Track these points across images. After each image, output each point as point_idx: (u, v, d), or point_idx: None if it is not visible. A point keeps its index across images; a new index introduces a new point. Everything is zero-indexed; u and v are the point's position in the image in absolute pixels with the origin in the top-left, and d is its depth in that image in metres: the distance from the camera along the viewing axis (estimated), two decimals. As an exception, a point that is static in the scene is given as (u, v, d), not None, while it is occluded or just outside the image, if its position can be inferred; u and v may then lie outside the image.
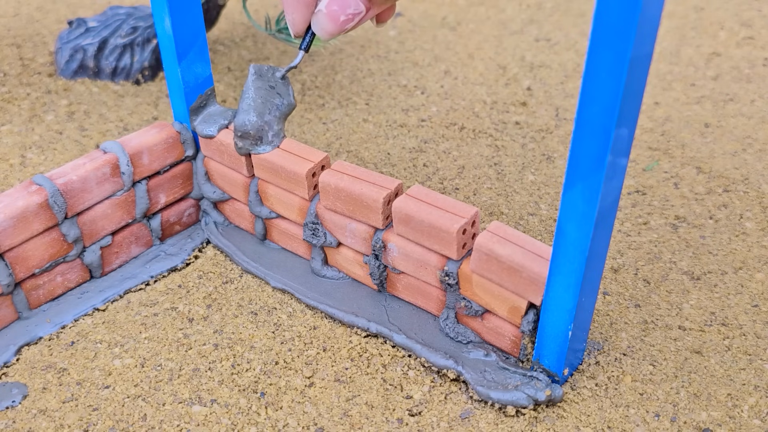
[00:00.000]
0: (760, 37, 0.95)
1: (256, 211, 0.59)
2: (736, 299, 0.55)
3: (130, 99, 0.81)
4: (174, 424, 0.47)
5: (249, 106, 0.53)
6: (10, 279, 0.51)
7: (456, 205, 0.48)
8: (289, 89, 0.54)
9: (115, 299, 0.56)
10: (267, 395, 0.49)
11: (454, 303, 0.51)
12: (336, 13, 0.45)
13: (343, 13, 0.45)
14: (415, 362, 0.51)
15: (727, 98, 0.81)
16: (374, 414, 0.47)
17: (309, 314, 0.55)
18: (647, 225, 0.63)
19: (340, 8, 0.45)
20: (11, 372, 0.50)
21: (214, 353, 0.52)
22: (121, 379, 0.50)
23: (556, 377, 0.47)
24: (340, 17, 0.45)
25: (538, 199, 0.66)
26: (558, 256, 0.42)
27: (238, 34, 0.95)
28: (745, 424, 0.46)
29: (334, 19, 0.45)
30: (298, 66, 0.87)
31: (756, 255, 0.59)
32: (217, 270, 0.59)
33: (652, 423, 0.46)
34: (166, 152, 0.58)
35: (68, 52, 0.83)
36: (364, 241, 0.53)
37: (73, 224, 0.54)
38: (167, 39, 0.55)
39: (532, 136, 0.75)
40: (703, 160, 0.71)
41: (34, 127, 0.75)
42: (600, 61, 0.34)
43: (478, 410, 0.47)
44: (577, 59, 0.90)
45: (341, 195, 0.52)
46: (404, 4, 1.04)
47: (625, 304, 0.55)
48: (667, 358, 0.51)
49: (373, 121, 0.78)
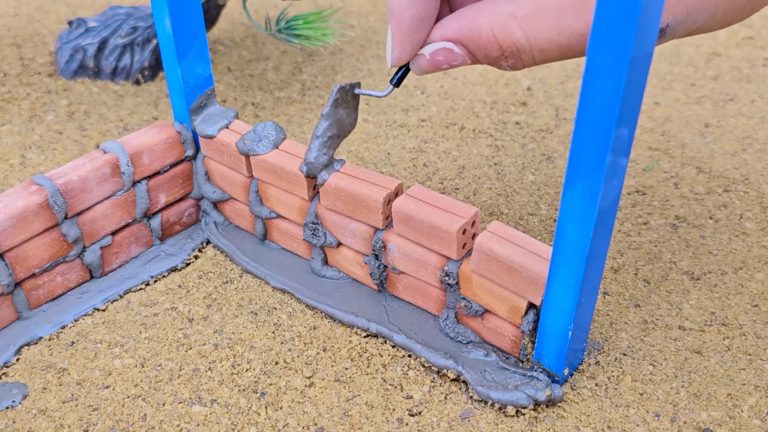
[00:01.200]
0: (760, 37, 0.95)
1: (256, 211, 0.59)
2: (736, 299, 0.55)
3: (130, 99, 0.81)
4: (174, 424, 0.47)
5: (323, 144, 0.51)
6: (10, 279, 0.51)
7: (456, 205, 0.48)
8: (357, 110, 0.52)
9: (115, 299, 0.56)
10: (267, 395, 0.49)
11: (454, 303, 0.51)
12: (439, 62, 0.44)
13: (447, 63, 0.44)
14: (415, 362, 0.51)
15: (727, 98, 0.81)
16: (374, 414, 0.47)
17: (309, 314, 0.55)
18: (647, 225, 0.63)
19: (444, 59, 0.44)
20: (11, 372, 0.50)
21: (214, 353, 0.52)
22: (121, 379, 0.50)
23: (556, 377, 0.47)
24: (442, 65, 0.45)
25: (538, 199, 0.66)
26: (558, 256, 0.42)
27: (238, 34, 0.95)
28: (745, 424, 0.46)
29: (434, 66, 0.45)
30: (301, 68, 0.87)
31: (756, 255, 0.59)
32: (217, 270, 0.59)
33: (652, 423, 0.46)
34: (166, 152, 0.58)
35: (68, 52, 0.83)
36: (364, 241, 0.53)
37: (73, 224, 0.54)
38: (167, 39, 0.55)
39: (532, 136, 0.75)
40: (703, 160, 0.71)
41: (34, 127, 0.75)
42: (600, 61, 0.34)
43: (478, 410, 0.47)
44: (577, 59, 0.90)
45: (341, 195, 0.52)
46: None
47: (625, 304, 0.55)
48: (667, 358, 0.51)
49: (373, 121, 0.78)
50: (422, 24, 0.44)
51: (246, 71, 0.86)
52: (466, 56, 0.44)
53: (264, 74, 0.86)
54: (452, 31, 0.43)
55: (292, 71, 0.87)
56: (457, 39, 0.43)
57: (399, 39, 0.44)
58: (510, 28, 0.41)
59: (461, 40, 0.43)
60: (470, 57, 0.44)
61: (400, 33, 0.44)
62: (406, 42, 0.44)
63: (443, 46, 0.44)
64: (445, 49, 0.44)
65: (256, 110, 0.79)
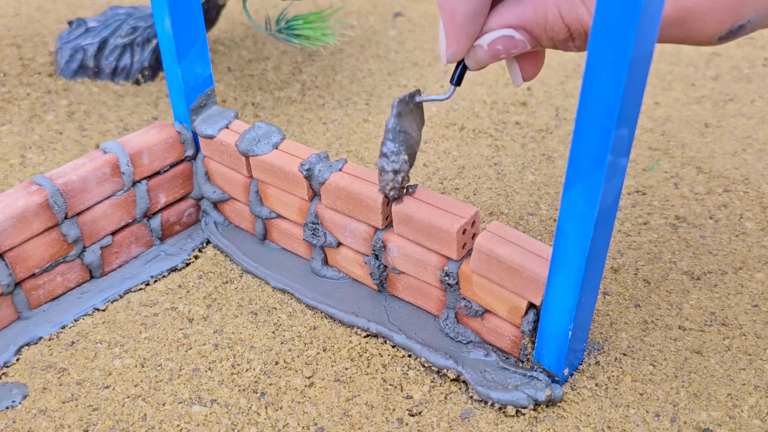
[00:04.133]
0: (760, 37, 0.95)
1: (256, 211, 0.59)
2: (736, 299, 0.55)
3: (130, 99, 0.81)
4: (174, 424, 0.47)
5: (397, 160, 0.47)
6: (10, 279, 0.51)
7: (456, 205, 0.48)
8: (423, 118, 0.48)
9: (115, 299, 0.56)
10: (267, 395, 0.49)
11: (454, 303, 0.51)
12: (498, 51, 0.43)
13: (505, 52, 0.43)
14: (415, 362, 0.51)
15: (727, 98, 0.81)
16: (374, 414, 0.47)
17: (309, 314, 0.55)
18: (647, 225, 0.63)
19: (504, 48, 0.42)
20: (11, 372, 0.50)
21: (214, 353, 0.52)
22: (121, 379, 0.50)
23: (556, 377, 0.47)
24: (500, 54, 0.43)
25: (538, 199, 0.66)
26: (558, 256, 0.42)
27: (238, 34, 0.95)
28: (745, 424, 0.46)
29: (493, 56, 0.43)
30: (301, 68, 0.87)
31: (756, 255, 0.59)
32: (217, 270, 0.59)
33: (652, 423, 0.46)
34: (166, 152, 0.58)
35: (68, 52, 0.83)
36: (364, 241, 0.53)
37: (73, 224, 0.54)
38: (167, 39, 0.55)
39: (532, 136, 0.75)
40: (703, 160, 0.71)
41: (34, 127, 0.75)
42: (600, 61, 0.34)
43: (478, 410, 0.47)
44: (577, 59, 0.90)
45: (341, 194, 0.52)
46: (404, 4, 1.04)
47: (625, 304, 0.55)
48: (667, 358, 0.51)
49: (373, 121, 0.78)
50: (477, 16, 0.42)
51: (246, 71, 0.86)
52: (528, 42, 0.42)
53: (264, 74, 0.86)
54: (514, 16, 0.41)
55: (292, 71, 0.87)
56: (520, 24, 0.41)
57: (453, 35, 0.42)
58: (578, 9, 0.39)
59: (525, 25, 0.41)
60: (532, 42, 0.42)
61: (453, 28, 0.42)
62: (462, 37, 0.42)
63: (503, 34, 0.42)
64: (505, 37, 0.42)
65: (256, 110, 0.79)
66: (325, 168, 0.53)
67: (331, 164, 0.53)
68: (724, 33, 0.39)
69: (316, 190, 0.54)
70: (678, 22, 0.39)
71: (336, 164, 0.53)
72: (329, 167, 0.53)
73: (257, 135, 0.56)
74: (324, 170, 0.52)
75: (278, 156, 0.55)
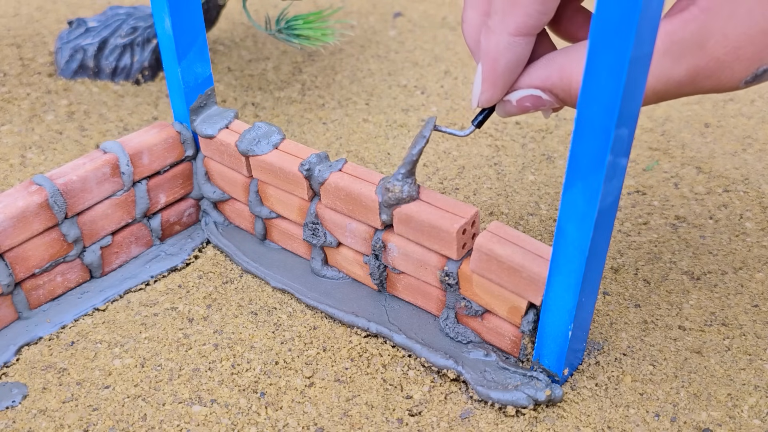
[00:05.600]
0: (760, 37, 0.94)
1: (256, 211, 0.59)
2: (736, 299, 0.55)
3: (130, 99, 0.81)
4: (174, 424, 0.47)
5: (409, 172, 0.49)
6: (10, 279, 0.51)
7: (456, 205, 0.48)
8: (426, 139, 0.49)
9: (115, 299, 0.56)
10: (267, 395, 0.49)
11: (454, 303, 0.51)
12: (527, 108, 0.44)
13: (534, 109, 0.44)
14: (415, 362, 0.51)
15: (727, 98, 0.81)
16: (374, 414, 0.47)
17: (309, 314, 0.55)
18: (647, 225, 0.63)
19: (532, 105, 0.43)
20: (11, 372, 0.50)
21: (214, 353, 0.52)
22: (121, 379, 0.50)
23: (556, 377, 0.47)
24: (529, 110, 0.44)
25: (538, 199, 0.66)
26: (558, 256, 0.42)
27: (238, 34, 0.95)
28: (745, 424, 0.46)
29: (521, 111, 0.44)
30: (301, 68, 0.87)
31: (756, 255, 0.59)
32: (217, 270, 0.59)
33: (652, 423, 0.46)
34: (166, 152, 0.58)
35: (68, 52, 0.83)
36: (364, 241, 0.53)
37: (73, 224, 0.54)
38: (167, 39, 0.55)
39: (532, 136, 0.75)
40: (703, 160, 0.71)
41: (34, 127, 0.75)
42: (600, 61, 0.34)
43: (478, 410, 0.47)
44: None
45: (341, 194, 0.52)
46: (404, 4, 1.04)
47: (625, 304, 0.55)
48: (667, 358, 0.51)
49: (373, 121, 0.78)
50: (517, 68, 0.43)
51: (246, 71, 0.86)
52: (555, 102, 0.43)
53: (264, 74, 0.86)
54: (541, 79, 0.42)
55: (292, 71, 0.87)
56: (546, 87, 0.42)
57: (491, 82, 0.43)
58: None
59: (551, 89, 0.42)
60: (559, 102, 0.43)
61: (493, 76, 0.43)
62: (499, 85, 0.43)
63: (531, 94, 0.43)
64: (533, 96, 0.43)
65: (256, 110, 0.79)
66: (325, 168, 0.53)
67: (331, 164, 0.53)
68: (749, 77, 0.40)
69: (316, 190, 0.54)
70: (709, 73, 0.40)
71: (336, 164, 0.53)
72: (329, 167, 0.53)
73: (257, 135, 0.56)
74: (324, 170, 0.52)
75: (278, 156, 0.55)
